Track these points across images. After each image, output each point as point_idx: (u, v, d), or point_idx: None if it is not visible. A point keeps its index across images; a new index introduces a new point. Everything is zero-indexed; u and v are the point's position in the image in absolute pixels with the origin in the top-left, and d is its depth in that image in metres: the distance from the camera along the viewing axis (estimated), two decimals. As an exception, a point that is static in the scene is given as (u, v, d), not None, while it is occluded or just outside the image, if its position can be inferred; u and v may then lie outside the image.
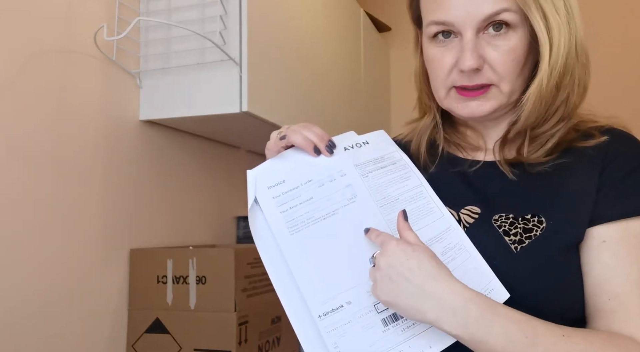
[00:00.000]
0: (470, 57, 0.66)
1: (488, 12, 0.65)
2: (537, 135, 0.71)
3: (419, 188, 0.72)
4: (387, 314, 0.62)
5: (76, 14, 1.21)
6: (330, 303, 0.62)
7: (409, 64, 0.88)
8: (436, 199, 0.71)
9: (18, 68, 1.07)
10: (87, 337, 1.21)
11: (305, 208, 0.67)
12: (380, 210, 0.68)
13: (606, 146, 0.69)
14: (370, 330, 0.61)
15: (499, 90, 0.69)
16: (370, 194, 0.69)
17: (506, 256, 0.66)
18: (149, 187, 1.42)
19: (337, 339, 0.60)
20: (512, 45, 0.66)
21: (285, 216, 0.67)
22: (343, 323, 0.61)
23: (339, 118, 1.92)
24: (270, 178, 0.69)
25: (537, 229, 0.67)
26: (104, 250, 1.26)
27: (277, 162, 0.71)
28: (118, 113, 1.32)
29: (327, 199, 0.68)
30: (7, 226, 1.04)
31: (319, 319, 0.61)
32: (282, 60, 1.50)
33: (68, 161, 1.17)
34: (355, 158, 0.72)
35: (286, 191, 0.68)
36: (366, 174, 0.71)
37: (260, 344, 1.33)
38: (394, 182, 0.71)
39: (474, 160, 0.76)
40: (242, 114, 1.30)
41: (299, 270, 0.64)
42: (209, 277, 1.25)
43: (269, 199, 0.68)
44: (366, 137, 0.76)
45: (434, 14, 0.69)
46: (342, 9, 2.04)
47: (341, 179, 0.70)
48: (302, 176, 0.69)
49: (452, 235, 0.68)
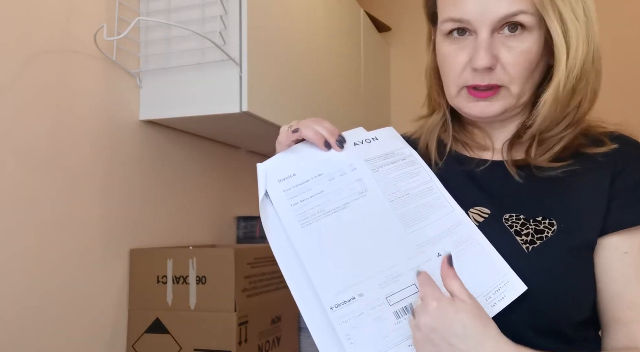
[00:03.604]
0: (484, 56, 0.66)
1: (504, 12, 0.65)
2: (545, 139, 0.71)
3: (429, 183, 0.72)
4: (399, 307, 0.62)
5: (76, 14, 1.21)
6: (342, 295, 0.61)
7: (409, 64, 0.88)
8: (446, 194, 0.71)
9: (18, 68, 1.07)
10: (87, 337, 1.21)
11: (316, 201, 0.67)
12: (390, 204, 0.68)
13: (616, 154, 0.69)
14: (382, 322, 0.61)
15: (508, 92, 0.69)
16: (380, 188, 0.69)
17: (518, 255, 0.66)
18: (149, 187, 1.42)
19: (349, 330, 0.60)
20: (526, 47, 0.66)
21: (296, 209, 0.67)
22: (355, 315, 0.61)
23: (339, 118, 1.92)
24: (280, 171, 0.70)
25: (549, 231, 0.67)
26: (104, 250, 1.26)
27: (287, 155, 0.71)
28: (118, 113, 1.32)
29: (337, 192, 0.68)
30: (7, 226, 1.04)
31: (330, 311, 0.61)
32: (282, 60, 1.50)
33: (68, 161, 1.17)
34: (365, 153, 0.72)
35: (297, 184, 0.69)
36: (376, 169, 0.71)
37: (260, 344, 1.33)
38: (404, 177, 0.71)
39: (482, 160, 0.76)
40: (242, 114, 1.30)
41: (311, 262, 0.63)
42: (209, 277, 1.25)
43: (280, 192, 0.68)
44: (375, 133, 0.76)
45: (450, 10, 0.69)
46: (342, 9, 2.04)
47: (352, 173, 0.70)
48: (313, 169, 0.70)
49: (464, 229, 0.68)
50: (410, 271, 0.63)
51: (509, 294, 0.63)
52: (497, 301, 0.63)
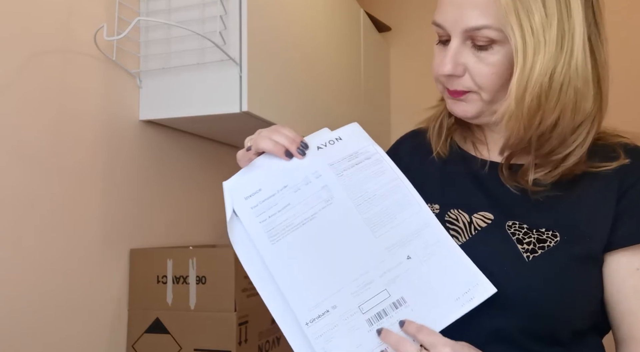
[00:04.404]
0: (447, 63, 0.68)
1: (470, 25, 0.65)
2: (543, 164, 0.69)
3: (395, 181, 0.71)
4: (372, 314, 0.62)
5: (76, 14, 1.21)
6: (316, 310, 0.62)
7: (409, 64, 0.89)
8: (414, 191, 0.70)
9: (18, 68, 1.07)
10: (87, 337, 1.21)
11: (284, 215, 0.67)
12: (357, 209, 0.68)
13: (626, 167, 0.69)
14: (356, 331, 0.61)
15: (479, 97, 0.69)
16: (346, 193, 0.69)
17: (518, 263, 0.66)
18: (149, 187, 1.42)
19: (324, 344, 0.61)
20: (495, 60, 0.66)
21: (265, 226, 0.67)
22: (330, 328, 0.61)
23: (338, 118, 1.92)
24: (246, 188, 0.70)
25: (551, 241, 0.66)
26: (104, 250, 1.26)
27: (252, 170, 0.71)
28: (118, 113, 1.32)
29: (304, 203, 0.68)
30: (7, 226, 1.04)
31: (306, 327, 0.62)
32: (282, 60, 1.50)
33: (68, 161, 1.17)
34: (329, 157, 0.72)
35: (263, 199, 0.68)
36: (341, 173, 0.70)
37: (260, 344, 1.33)
38: (369, 178, 0.71)
39: (483, 160, 0.77)
40: (242, 114, 1.30)
41: (283, 279, 0.64)
42: (209, 277, 1.25)
43: (247, 209, 0.68)
44: (339, 132, 0.76)
45: (436, 15, 0.70)
46: (342, 9, 2.04)
47: (316, 180, 0.69)
48: (278, 182, 0.69)
49: (432, 230, 0.68)
50: (381, 277, 0.64)
51: (478, 296, 0.63)
52: (466, 302, 0.63)
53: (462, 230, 0.71)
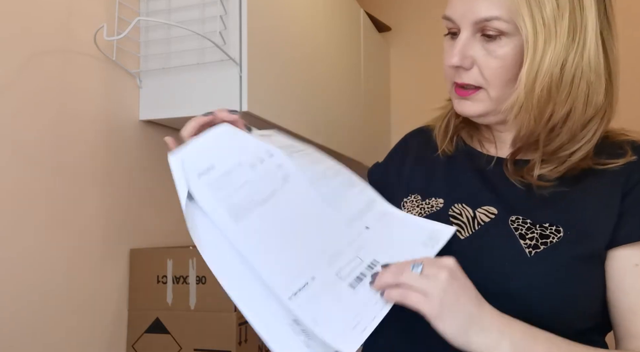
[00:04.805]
0: (455, 54, 0.68)
1: (480, 16, 0.66)
2: (550, 160, 0.70)
3: (336, 166, 0.76)
4: (351, 279, 0.62)
5: (76, 14, 1.21)
6: (295, 283, 0.60)
7: (409, 64, 0.89)
8: (354, 174, 0.76)
9: (18, 68, 1.07)
10: (87, 337, 1.21)
11: (244, 192, 0.64)
12: (313, 187, 0.69)
13: (631, 165, 0.69)
14: (341, 296, 0.61)
15: (487, 95, 0.69)
16: (302, 172, 0.70)
17: (519, 258, 0.66)
18: (149, 187, 1.42)
19: (313, 314, 0.58)
20: (503, 52, 0.66)
21: (225, 205, 0.62)
22: (314, 297, 0.59)
23: (338, 118, 1.92)
24: (198, 164, 0.65)
25: (554, 237, 0.66)
26: (104, 250, 1.26)
27: (199, 144, 0.68)
28: (118, 113, 1.32)
29: (262, 180, 0.66)
30: (7, 226, 1.04)
31: (289, 301, 0.58)
32: (282, 60, 1.50)
33: (68, 161, 1.17)
34: (273, 142, 0.73)
35: (218, 176, 0.64)
36: (290, 155, 0.71)
37: (260, 344, 1.33)
38: (314, 162, 0.73)
39: (489, 156, 0.77)
40: (242, 114, 1.30)
41: (257, 259, 0.60)
42: (209, 277, 1.25)
43: (203, 188, 0.63)
44: (267, 131, 0.78)
45: (446, 9, 0.71)
46: (342, 9, 2.04)
47: (270, 159, 0.69)
48: (230, 158, 0.67)
49: (379, 205, 0.74)
50: (349, 246, 0.65)
51: (443, 237, 0.67)
52: (434, 244, 0.66)
53: (465, 224, 0.71)
